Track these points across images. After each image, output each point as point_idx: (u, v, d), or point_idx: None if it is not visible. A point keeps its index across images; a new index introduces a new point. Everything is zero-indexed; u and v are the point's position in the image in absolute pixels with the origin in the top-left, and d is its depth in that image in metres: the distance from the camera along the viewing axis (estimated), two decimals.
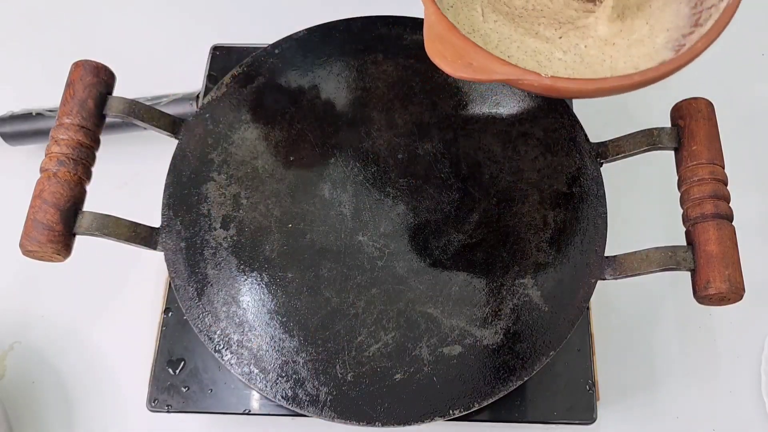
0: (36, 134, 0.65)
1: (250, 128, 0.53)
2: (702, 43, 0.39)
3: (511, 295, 0.47)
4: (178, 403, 0.51)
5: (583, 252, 0.47)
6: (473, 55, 0.39)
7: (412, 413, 0.44)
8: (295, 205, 0.50)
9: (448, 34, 0.39)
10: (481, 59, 0.38)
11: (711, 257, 0.42)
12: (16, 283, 0.63)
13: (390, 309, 0.46)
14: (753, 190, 0.64)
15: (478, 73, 0.38)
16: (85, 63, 0.48)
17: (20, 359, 0.59)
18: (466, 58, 0.39)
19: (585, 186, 0.50)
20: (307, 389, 0.45)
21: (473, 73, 0.38)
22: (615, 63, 0.43)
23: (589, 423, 0.50)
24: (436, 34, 0.40)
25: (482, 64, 0.38)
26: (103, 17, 0.76)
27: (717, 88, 0.58)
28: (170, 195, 0.50)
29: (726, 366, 0.58)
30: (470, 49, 0.39)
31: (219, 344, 0.46)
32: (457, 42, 0.39)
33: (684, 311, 0.60)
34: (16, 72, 0.73)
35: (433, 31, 0.40)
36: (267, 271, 0.48)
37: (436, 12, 0.40)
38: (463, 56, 0.39)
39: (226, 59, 0.62)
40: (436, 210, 0.50)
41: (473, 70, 0.38)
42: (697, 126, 0.46)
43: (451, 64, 0.39)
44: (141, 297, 0.61)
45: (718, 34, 0.39)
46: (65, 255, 0.44)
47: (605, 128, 0.56)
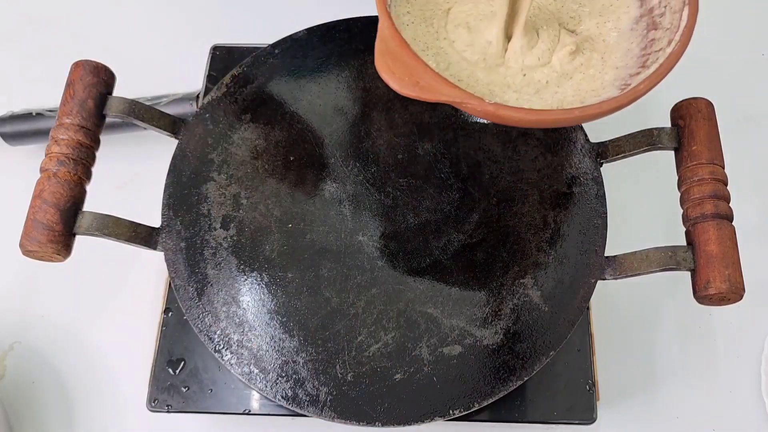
0: (36, 134, 0.65)
1: (250, 128, 0.53)
2: (644, 86, 0.39)
3: (511, 295, 0.47)
4: (178, 403, 0.51)
5: (583, 252, 0.47)
6: (422, 75, 0.39)
7: (412, 413, 0.44)
8: (295, 205, 0.50)
9: (399, 51, 0.39)
10: (429, 79, 0.38)
11: (711, 257, 0.42)
12: (16, 283, 0.63)
13: (390, 309, 0.46)
14: (753, 190, 0.64)
15: (425, 92, 0.38)
16: (85, 63, 0.48)
17: (20, 359, 0.59)
18: (415, 77, 0.39)
19: (585, 186, 0.50)
20: (307, 389, 0.45)
21: (419, 92, 0.38)
22: (564, 95, 0.44)
23: (589, 423, 0.50)
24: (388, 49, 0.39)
25: (429, 84, 0.38)
26: (103, 17, 0.76)
27: (717, 88, 0.58)
28: (170, 195, 0.50)
29: (726, 366, 0.58)
30: (419, 69, 0.39)
31: (219, 344, 0.46)
32: (408, 60, 0.39)
33: (684, 311, 0.60)
34: (16, 72, 0.73)
35: (385, 45, 0.40)
36: (267, 271, 0.48)
37: (390, 27, 0.40)
38: (412, 75, 0.39)
39: (226, 59, 0.62)
40: (436, 210, 0.50)
41: (420, 89, 0.38)
42: (697, 126, 0.46)
43: (398, 81, 0.39)
44: (141, 297, 0.61)
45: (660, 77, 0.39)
46: (65, 255, 0.44)
47: (605, 128, 0.56)
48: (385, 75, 0.39)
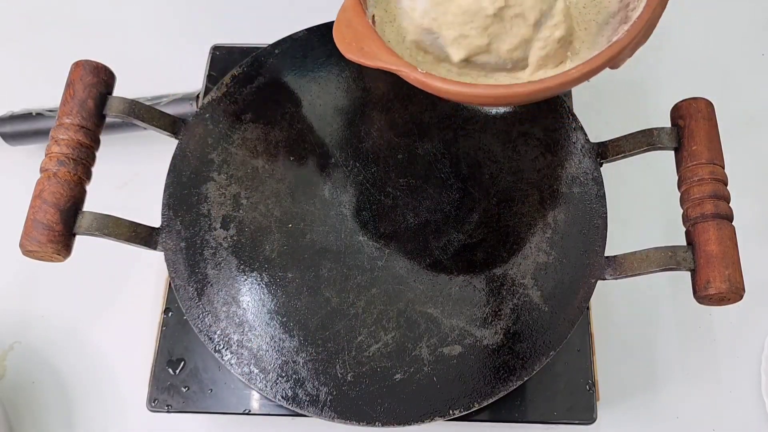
0: (36, 134, 0.65)
1: (250, 128, 0.53)
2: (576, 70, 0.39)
3: (511, 295, 0.47)
4: (178, 403, 0.51)
5: (583, 252, 0.47)
6: (366, 42, 0.41)
7: (412, 413, 0.44)
8: (295, 205, 0.50)
9: (354, 19, 0.42)
10: (373, 47, 0.41)
11: (711, 257, 0.42)
12: (16, 283, 0.63)
13: (390, 309, 0.46)
14: (753, 190, 0.64)
15: (365, 57, 0.41)
16: (85, 63, 0.48)
17: (20, 359, 0.59)
18: (360, 43, 0.41)
19: (585, 186, 0.50)
20: (307, 389, 0.45)
21: (360, 56, 0.41)
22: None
23: (589, 423, 0.50)
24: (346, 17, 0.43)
25: (371, 50, 0.41)
26: (103, 17, 0.76)
27: (717, 88, 0.58)
28: (170, 195, 0.50)
29: (726, 366, 0.58)
30: (366, 36, 0.42)
31: (219, 344, 0.46)
32: (360, 28, 0.42)
33: (684, 311, 0.60)
34: (16, 72, 0.73)
35: (344, 14, 0.43)
36: (267, 271, 0.48)
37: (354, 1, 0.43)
38: (359, 41, 0.42)
39: (226, 59, 0.62)
40: (436, 210, 0.50)
41: (362, 54, 0.41)
42: (697, 126, 0.46)
43: (346, 45, 0.42)
44: (141, 297, 0.61)
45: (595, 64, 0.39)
46: (65, 255, 0.44)
47: (605, 128, 0.56)
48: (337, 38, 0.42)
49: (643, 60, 0.70)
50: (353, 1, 0.43)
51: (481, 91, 0.40)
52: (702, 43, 0.72)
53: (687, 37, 0.72)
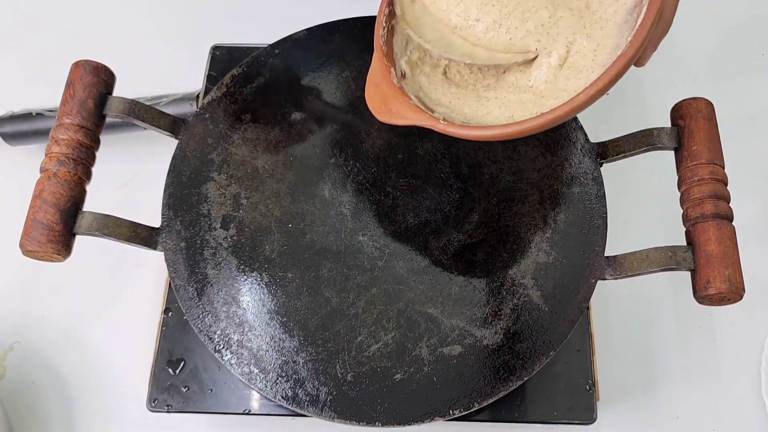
0: (36, 134, 0.65)
1: (250, 128, 0.53)
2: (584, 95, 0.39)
3: (511, 295, 0.47)
4: (178, 403, 0.51)
5: (583, 252, 0.47)
6: (393, 102, 0.44)
7: (412, 413, 0.44)
8: (295, 205, 0.50)
9: (382, 82, 0.45)
10: (399, 106, 0.44)
11: (711, 257, 0.42)
12: (16, 283, 0.63)
13: (390, 309, 0.46)
14: (753, 190, 0.64)
15: (395, 117, 0.44)
16: (85, 63, 0.48)
17: (20, 359, 0.59)
18: (389, 105, 0.44)
19: (585, 186, 0.50)
20: (307, 389, 0.45)
21: (391, 117, 0.44)
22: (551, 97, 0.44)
23: (589, 423, 0.50)
24: (375, 81, 0.46)
25: (398, 110, 0.44)
26: (103, 17, 0.76)
27: (717, 88, 0.58)
28: (170, 195, 0.50)
29: (726, 366, 0.58)
30: (392, 97, 0.44)
31: (219, 344, 0.46)
32: (387, 90, 0.45)
33: (684, 311, 0.60)
34: (16, 72, 0.73)
35: (372, 77, 0.46)
36: (267, 271, 0.48)
37: (379, 60, 0.46)
38: (386, 102, 0.45)
39: (226, 59, 0.62)
40: (436, 210, 0.50)
41: (391, 115, 0.44)
42: (697, 126, 0.46)
43: (377, 109, 0.45)
44: (141, 297, 0.61)
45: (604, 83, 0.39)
46: (65, 255, 0.44)
47: (605, 128, 0.56)
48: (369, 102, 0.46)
49: None
50: (380, 63, 0.46)
51: (496, 132, 0.42)
52: (702, 43, 0.72)
53: (687, 37, 0.72)
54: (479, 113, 0.46)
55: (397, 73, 0.47)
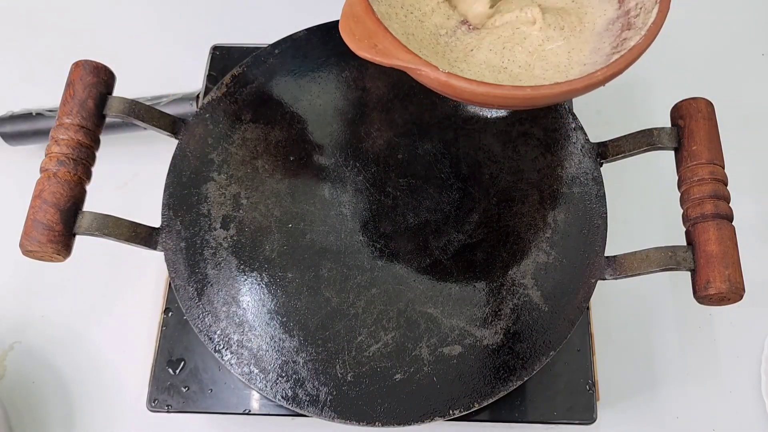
0: (36, 134, 0.65)
1: (250, 128, 0.53)
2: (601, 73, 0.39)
3: (511, 295, 0.47)
4: (178, 403, 0.51)
5: (583, 252, 0.47)
6: (380, 38, 0.39)
7: (412, 413, 0.44)
8: (295, 205, 0.50)
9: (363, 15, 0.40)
10: (386, 43, 0.39)
11: (711, 257, 0.42)
12: (16, 283, 0.63)
13: (390, 309, 0.46)
14: (753, 190, 0.64)
15: (380, 55, 0.39)
16: (85, 63, 0.48)
17: (20, 359, 0.59)
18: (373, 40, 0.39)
19: (585, 186, 0.50)
20: (307, 389, 0.45)
21: (375, 54, 0.39)
22: (529, 76, 0.45)
23: (589, 423, 0.50)
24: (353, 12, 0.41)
25: (386, 47, 0.39)
26: (103, 17, 0.76)
27: (717, 88, 0.58)
28: (170, 195, 0.50)
29: (726, 366, 0.58)
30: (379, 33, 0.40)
31: (219, 344, 0.46)
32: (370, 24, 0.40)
33: (684, 311, 0.60)
34: (16, 72, 0.73)
35: (351, 9, 0.41)
36: (267, 271, 0.48)
37: None
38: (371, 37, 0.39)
39: (226, 59, 0.62)
40: (436, 210, 0.50)
41: (376, 52, 0.39)
42: (697, 126, 0.46)
43: (357, 42, 0.40)
44: (141, 297, 0.61)
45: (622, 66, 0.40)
46: (65, 255, 0.44)
47: (605, 128, 0.56)
48: (346, 35, 0.40)
49: (643, 60, 0.70)
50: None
51: (507, 92, 0.39)
52: (702, 43, 0.72)
53: (687, 37, 0.72)
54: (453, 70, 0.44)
55: None
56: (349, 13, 0.41)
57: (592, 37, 0.46)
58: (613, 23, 0.46)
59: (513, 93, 0.39)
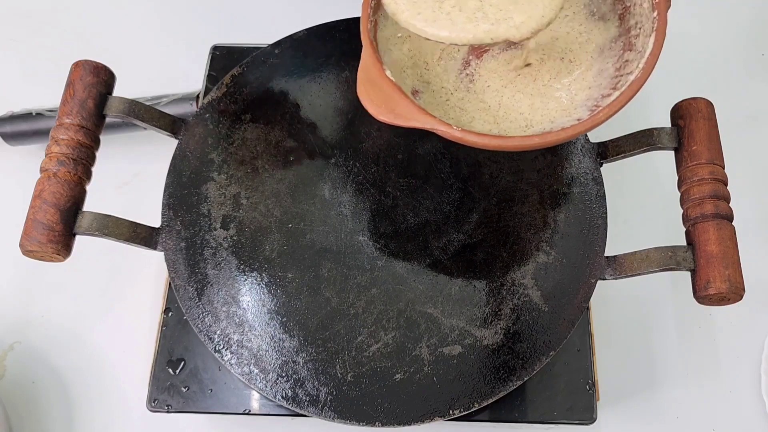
0: (36, 134, 0.65)
1: (250, 128, 0.53)
2: (604, 114, 0.41)
3: (511, 295, 0.47)
4: (178, 403, 0.51)
5: (583, 252, 0.47)
6: (397, 103, 0.42)
7: (412, 413, 0.44)
8: (295, 205, 0.50)
9: (378, 80, 0.42)
10: (404, 107, 0.41)
11: (711, 257, 0.42)
12: (16, 283, 0.63)
13: (390, 309, 0.46)
14: (753, 190, 0.64)
15: (399, 119, 0.41)
16: (85, 63, 0.48)
17: (20, 359, 0.59)
18: (390, 105, 0.42)
19: (585, 186, 0.50)
20: (307, 389, 0.45)
21: (395, 118, 0.41)
22: (533, 116, 0.46)
23: (589, 423, 0.50)
24: (368, 77, 0.43)
25: (404, 112, 0.41)
26: (103, 17, 0.76)
27: (717, 88, 0.58)
28: (170, 195, 0.50)
29: (726, 366, 0.58)
30: (395, 97, 0.42)
31: (219, 344, 0.46)
32: (386, 88, 0.42)
33: (684, 311, 0.60)
34: (16, 72, 0.73)
35: (365, 74, 0.43)
36: (267, 271, 0.48)
37: (372, 56, 0.43)
38: (388, 102, 0.42)
39: (226, 59, 0.62)
40: (436, 210, 0.50)
41: (395, 116, 0.41)
42: (697, 126, 0.46)
43: (376, 108, 0.42)
44: (141, 297, 0.61)
45: (620, 105, 0.41)
46: (65, 255, 0.44)
47: (605, 128, 0.56)
48: (365, 101, 0.42)
49: None
50: (372, 58, 0.43)
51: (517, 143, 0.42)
52: (702, 43, 0.72)
53: (687, 37, 0.72)
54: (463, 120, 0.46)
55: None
56: (365, 79, 0.43)
57: (595, 58, 0.47)
58: (615, 41, 0.46)
59: (522, 143, 0.42)
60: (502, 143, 0.42)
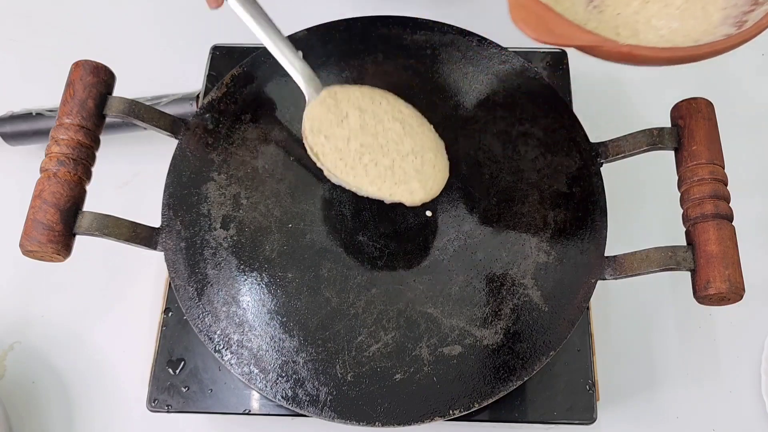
0: (36, 134, 0.65)
1: (250, 128, 0.53)
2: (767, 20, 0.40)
3: (511, 295, 0.47)
4: (178, 403, 0.51)
5: (583, 252, 0.47)
6: (554, 23, 0.41)
7: (412, 413, 0.44)
8: (295, 205, 0.50)
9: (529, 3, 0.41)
10: (563, 27, 0.41)
11: (711, 257, 0.42)
12: (16, 283, 0.63)
13: (390, 309, 0.46)
14: (753, 190, 0.64)
15: (561, 38, 0.40)
16: (85, 63, 0.48)
17: (20, 359, 0.59)
18: (549, 25, 0.41)
19: (585, 186, 0.50)
20: (307, 389, 0.45)
21: (556, 38, 0.40)
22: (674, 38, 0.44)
23: (589, 423, 0.50)
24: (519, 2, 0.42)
25: (564, 31, 0.40)
26: (103, 17, 0.76)
27: (717, 88, 0.58)
28: (170, 195, 0.50)
29: (726, 366, 0.58)
30: (551, 18, 0.41)
31: (219, 344, 0.46)
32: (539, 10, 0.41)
33: (684, 311, 0.60)
34: (16, 72, 0.73)
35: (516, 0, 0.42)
36: (267, 271, 0.48)
37: None
38: (546, 23, 0.41)
39: (226, 59, 0.62)
40: (436, 210, 0.49)
41: (556, 36, 0.40)
42: (697, 126, 0.46)
43: (533, 30, 0.41)
44: (141, 297, 0.61)
45: None
46: (65, 255, 0.44)
47: (605, 128, 0.56)
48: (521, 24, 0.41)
49: None
50: None
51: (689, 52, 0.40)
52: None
53: None
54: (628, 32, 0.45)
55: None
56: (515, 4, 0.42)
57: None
58: None
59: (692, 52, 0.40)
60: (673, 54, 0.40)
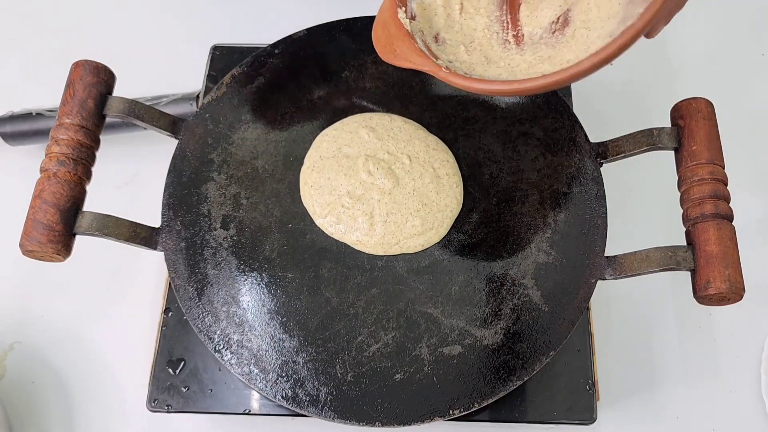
0: (36, 134, 0.65)
1: (250, 128, 0.53)
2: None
3: (511, 295, 0.47)
4: (178, 403, 0.51)
5: (583, 252, 0.47)
6: (399, 44, 0.43)
7: (412, 413, 0.44)
8: (295, 205, 0.50)
9: (389, 22, 0.44)
10: (404, 48, 0.43)
11: (711, 257, 0.42)
12: (16, 283, 0.63)
13: (390, 309, 0.46)
14: (753, 190, 0.64)
15: (398, 59, 0.43)
16: (85, 63, 0.48)
17: (20, 359, 0.59)
18: (394, 46, 0.43)
19: (585, 186, 0.50)
20: (307, 389, 0.45)
21: (395, 59, 0.43)
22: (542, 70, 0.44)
23: (589, 423, 0.50)
24: (383, 20, 0.44)
25: (403, 52, 0.43)
26: (103, 17, 0.76)
27: (717, 88, 0.58)
28: (170, 195, 0.50)
29: (726, 366, 0.58)
30: (398, 38, 0.43)
31: (219, 344, 0.46)
32: (394, 30, 0.43)
33: (684, 311, 0.60)
34: (16, 72, 0.73)
35: (381, 15, 0.44)
36: (267, 271, 0.48)
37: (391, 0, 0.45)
38: (392, 43, 0.43)
39: (226, 59, 0.62)
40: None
41: (395, 57, 0.43)
42: (697, 126, 0.46)
43: (381, 48, 0.44)
44: (141, 297, 0.61)
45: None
46: (65, 255, 0.44)
47: (605, 128, 0.56)
48: (374, 42, 0.44)
49: (643, 60, 0.70)
50: (390, 2, 0.45)
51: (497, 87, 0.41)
52: (702, 43, 0.72)
53: (687, 37, 0.72)
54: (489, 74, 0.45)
55: (408, 14, 0.45)
56: (379, 21, 0.44)
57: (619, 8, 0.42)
58: None
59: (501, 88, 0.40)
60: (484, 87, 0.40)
